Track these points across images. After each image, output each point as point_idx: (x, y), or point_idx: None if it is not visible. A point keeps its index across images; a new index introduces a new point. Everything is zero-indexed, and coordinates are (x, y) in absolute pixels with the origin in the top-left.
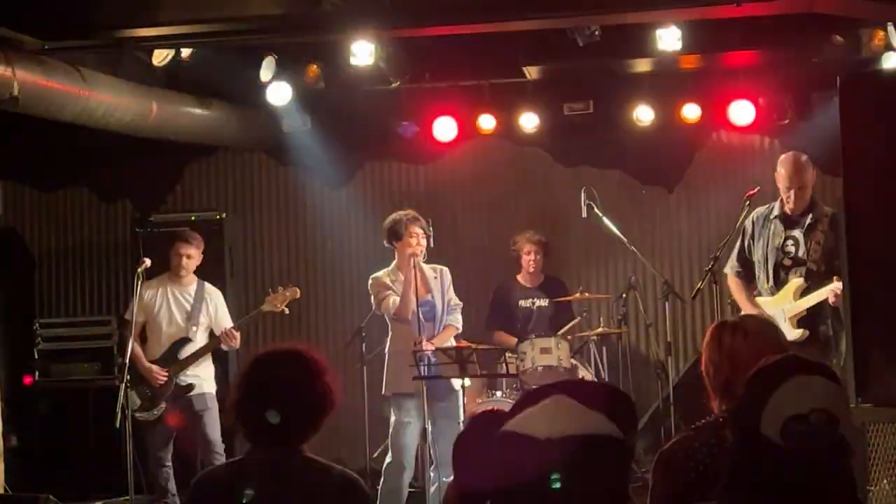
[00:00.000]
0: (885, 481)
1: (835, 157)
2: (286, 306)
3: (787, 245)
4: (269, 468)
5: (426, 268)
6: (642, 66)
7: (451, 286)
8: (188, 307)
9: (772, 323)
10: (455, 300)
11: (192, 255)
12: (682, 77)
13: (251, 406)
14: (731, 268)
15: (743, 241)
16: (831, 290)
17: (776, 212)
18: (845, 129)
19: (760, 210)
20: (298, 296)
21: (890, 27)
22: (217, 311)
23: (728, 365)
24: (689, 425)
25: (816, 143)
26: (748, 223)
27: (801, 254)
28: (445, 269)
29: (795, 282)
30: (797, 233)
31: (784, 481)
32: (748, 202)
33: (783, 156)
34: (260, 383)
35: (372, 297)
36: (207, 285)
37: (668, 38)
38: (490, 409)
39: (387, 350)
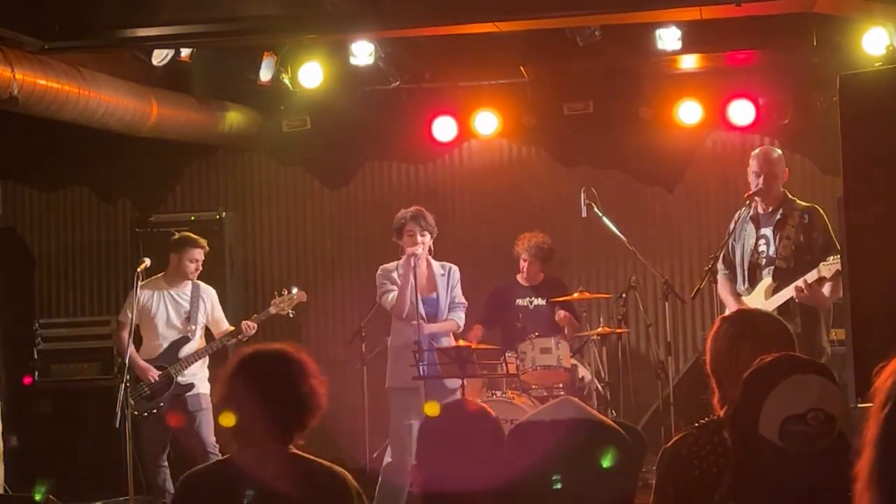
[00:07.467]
0: None
1: (835, 157)
2: (292, 309)
3: (759, 245)
4: (256, 465)
5: (435, 264)
6: (642, 65)
7: (459, 285)
8: (186, 307)
9: (779, 319)
10: (460, 298)
11: (201, 259)
12: (682, 77)
13: (237, 405)
14: (720, 270)
15: (728, 242)
16: (795, 287)
17: (747, 213)
18: (845, 129)
19: (741, 211)
20: (305, 299)
21: (890, 27)
22: (213, 311)
23: (729, 359)
24: (690, 425)
25: (816, 143)
26: (732, 224)
27: (771, 252)
28: (455, 267)
29: (765, 282)
30: (767, 231)
31: (786, 482)
32: (748, 202)
33: (756, 150)
34: (246, 383)
35: (377, 288)
36: (202, 285)
37: (668, 38)
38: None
39: (389, 344)
